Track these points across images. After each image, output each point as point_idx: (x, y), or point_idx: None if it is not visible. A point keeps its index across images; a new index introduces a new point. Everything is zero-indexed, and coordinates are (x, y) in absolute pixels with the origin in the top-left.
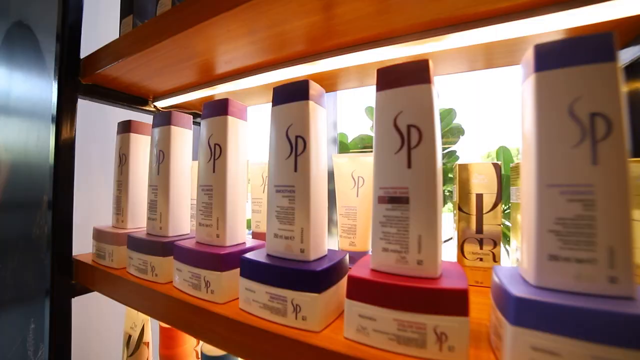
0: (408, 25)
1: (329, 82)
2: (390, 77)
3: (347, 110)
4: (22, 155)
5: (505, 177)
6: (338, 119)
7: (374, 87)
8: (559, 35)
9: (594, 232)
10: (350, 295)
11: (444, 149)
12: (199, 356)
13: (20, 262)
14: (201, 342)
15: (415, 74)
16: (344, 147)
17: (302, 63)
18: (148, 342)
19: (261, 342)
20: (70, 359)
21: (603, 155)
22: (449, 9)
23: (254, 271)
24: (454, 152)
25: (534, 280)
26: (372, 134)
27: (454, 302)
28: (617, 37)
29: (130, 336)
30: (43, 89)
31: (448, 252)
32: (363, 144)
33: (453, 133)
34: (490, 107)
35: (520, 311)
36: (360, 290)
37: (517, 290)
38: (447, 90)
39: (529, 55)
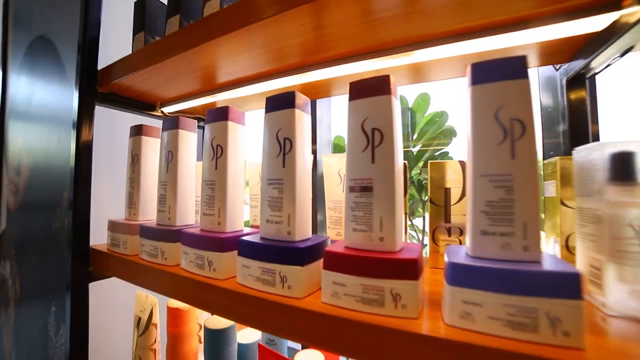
0: (389, 41)
1: (324, 89)
2: (358, 89)
3: (344, 114)
4: (43, 157)
5: None
6: (336, 123)
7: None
8: (510, 52)
9: (513, 211)
10: (326, 266)
11: (436, 150)
12: (203, 332)
13: (41, 253)
14: (204, 319)
15: (378, 86)
16: (341, 149)
17: (294, 74)
18: (156, 324)
19: (255, 308)
20: (87, 338)
21: (519, 151)
22: (415, 29)
23: (250, 250)
24: (446, 153)
25: (471, 251)
26: None
27: (405, 269)
28: (528, 59)
29: (140, 318)
30: (63, 97)
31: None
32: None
33: (445, 135)
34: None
35: (455, 274)
36: (334, 262)
37: (454, 259)
38: (441, 95)
39: (467, 71)
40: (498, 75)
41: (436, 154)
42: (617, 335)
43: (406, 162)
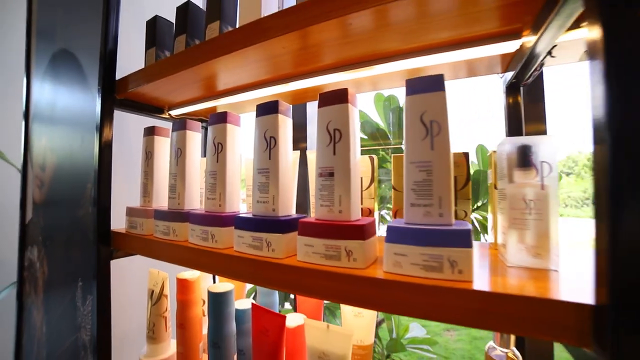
0: (356, 57)
1: (312, 94)
2: (324, 98)
3: None
4: (67, 155)
5: (482, 172)
6: None
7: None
8: (458, 64)
9: (432, 189)
10: (300, 233)
11: None
12: (207, 297)
13: (67, 237)
14: (208, 285)
15: (339, 97)
16: None
17: (281, 83)
18: (167, 295)
19: (248, 267)
20: (110, 307)
21: (436, 145)
22: (374, 49)
23: (244, 224)
24: None
25: (405, 219)
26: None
27: (354, 232)
28: (444, 77)
29: (153, 291)
30: (86, 102)
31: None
32: None
33: None
34: (470, 111)
35: (389, 234)
36: (306, 229)
37: (391, 224)
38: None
39: (405, 84)
40: (423, 88)
41: None
42: (504, 276)
43: (375, 156)
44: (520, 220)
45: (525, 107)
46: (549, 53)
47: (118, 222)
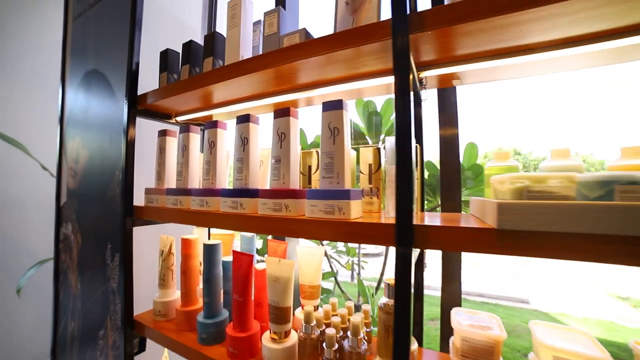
0: (304, 84)
1: (293, 105)
2: (276, 112)
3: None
4: (98, 151)
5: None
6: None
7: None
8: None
9: (333, 168)
10: (260, 196)
11: None
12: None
13: (97, 213)
14: (203, 240)
15: (285, 112)
16: (314, 145)
17: (255, 100)
18: (173, 253)
19: (198, 217)
20: (132, 262)
21: (336, 141)
22: (313, 78)
23: (229, 193)
24: None
25: (320, 186)
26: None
27: (292, 194)
28: (343, 101)
29: (163, 251)
30: (113, 111)
31: None
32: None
33: None
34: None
35: (308, 194)
36: (264, 195)
37: (309, 189)
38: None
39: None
40: (331, 107)
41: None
42: (371, 218)
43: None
44: (390, 190)
45: (440, 115)
46: (420, 82)
47: (135, 200)
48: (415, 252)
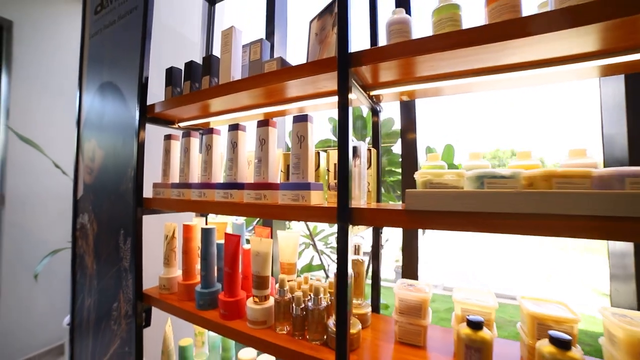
0: (286, 99)
1: (277, 115)
2: (259, 122)
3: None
4: (112, 151)
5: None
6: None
7: (298, 117)
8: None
9: (300, 166)
10: (245, 188)
11: (385, 147)
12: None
13: (111, 204)
14: (201, 225)
15: (266, 123)
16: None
17: (243, 111)
18: (176, 237)
19: (191, 205)
20: (142, 244)
21: (302, 146)
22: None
23: (222, 186)
24: (391, 150)
25: (290, 181)
26: (333, 137)
27: (269, 187)
28: (308, 115)
29: (167, 235)
30: (125, 117)
31: None
32: (322, 145)
33: (391, 136)
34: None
35: (281, 186)
36: (249, 187)
37: (281, 183)
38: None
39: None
40: (298, 120)
41: (384, 149)
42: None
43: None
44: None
45: (402, 122)
46: (371, 99)
47: (144, 193)
48: (356, 229)
